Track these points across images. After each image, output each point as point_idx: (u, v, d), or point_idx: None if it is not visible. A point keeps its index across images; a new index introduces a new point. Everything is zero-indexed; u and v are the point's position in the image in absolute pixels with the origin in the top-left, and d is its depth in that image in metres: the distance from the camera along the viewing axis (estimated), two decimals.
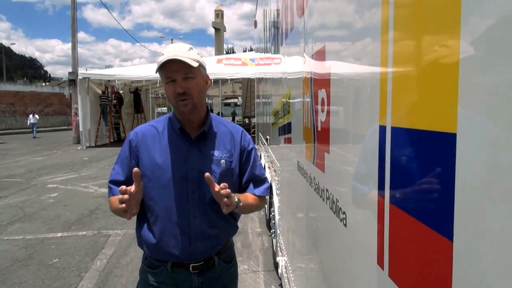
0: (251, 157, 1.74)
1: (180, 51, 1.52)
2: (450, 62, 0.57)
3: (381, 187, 0.86)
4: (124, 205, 1.40)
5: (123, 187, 1.40)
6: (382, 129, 0.85)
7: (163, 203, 1.58)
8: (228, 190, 1.46)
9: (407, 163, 0.75)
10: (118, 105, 18.30)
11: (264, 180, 1.78)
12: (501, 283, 0.49)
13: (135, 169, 1.45)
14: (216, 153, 1.63)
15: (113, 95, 18.04)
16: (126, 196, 1.39)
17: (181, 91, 1.52)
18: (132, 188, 1.43)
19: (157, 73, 1.55)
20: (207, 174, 1.45)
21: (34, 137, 21.85)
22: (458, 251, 0.57)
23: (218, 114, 21.86)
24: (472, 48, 0.53)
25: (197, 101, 1.57)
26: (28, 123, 23.40)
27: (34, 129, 22.72)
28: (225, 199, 1.45)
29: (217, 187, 1.45)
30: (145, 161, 1.60)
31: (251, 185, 1.73)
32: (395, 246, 0.81)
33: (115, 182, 1.62)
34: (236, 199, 1.54)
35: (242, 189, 1.72)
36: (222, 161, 1.63)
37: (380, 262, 0.87)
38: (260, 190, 1.73)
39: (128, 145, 1.65)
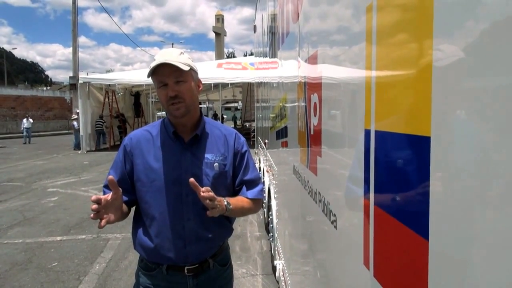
0: (244, 160, 1.75)
1: (171, 55, 1.56)
2: (423, 72, 0.60)
3: (366, 189, 0.89)
4: (92, 215, 1.43)
5: (94, 196, 1.42)
6: (367, 133, 0.87)
7: (157, 206, 1.60)
8: (211, 193, 1.46)
9: (389, 165, 0.78)
10: (123, 127, 18.46)
11: (257, 182, 1.78)
12: (477, 284, 0.51)
13: (110, 177, 1.47)
14: (209, 156, 1.65)
15: (116, 116, 18.28)
16: (94, 206, 1.41)
17: (173, 95, 1.55)
18: (109, 196, 1.46)
19: (149, 78, 1.59)
20: (191, 179, 1.46)
21: (25, 143, 20.43)
22: (433, 250, 0.59)
23: (222, 118, 21.88)
24: (443, 59, 0.56)
25: (189, 104, 1.60)
26: (22, 128, 21.45)
27: (28, 134, 21.01)
28: (208, 201, 1.45)
29: (202, 192, 1.45)
30: (139, 165, 1.62)
31: (244, 188, 1.73)
32: (379, 247, 0.83)
33: (108, 187, 1.64)
34: (226, 202, 1.54)
35: (235, 192, 1.74)
36: (216, 164, 1.65)
37: (366, 263, 0.90)
38: (253, 193, 1.73)
39: (123, 150, 1.67)
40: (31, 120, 21.85)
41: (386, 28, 0.79)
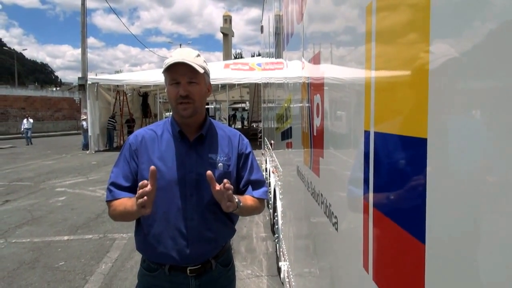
0: (248, 161, 1.75)
1: (188, 55, 1.57)
2: (420, 74, 0.59)
3: (365, 191, 0.88)
4: (145, 198, 1.39)
5: (144, 181, 1.41)
6: (367, 135, 0.86)
7: (161, 205, 1.59)
8: (231, 186, 1.47)
9: (387, 168, 0.77)
10: (132, 130, 18.75)
11: (262, 183, 1.78)
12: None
13: (152, 167, 1.45)
14: (214, 156, 1.66)
15: (127, 121, 18.77)
16: (148, 187, 1.39)
17: (184, 94, 1.55)
18: (148, 187, 1.42)
19: (163, 73, 1.59)
20: (209, 172, 1.46)
21: (27, 144, 19.76)
22: (430, 254, 0.58)
23: (234, 117, 21.48)
24: (439, 61, 0.55)
25: (198, 106, 1.61)
26: (22, 129, 20.72)
27: (29, 135, 20.22)
28: (229, 192, 1.46)
29: (218, 186, 1.46)
30: (144, 164, 1.62)
31: (249, 188, 1.74)
32: (378, 250, 0.82)
33: (116, 185, 1.64)
34: (237, 200, 1.55)
35: (240, 193, 1.73)
36: (220, 164, 1.65)
37: (366, 266, 0.88)
38: (258, 193, 1.74)
39: (128, 148, 1.67)
40: (31, 121, 21.16)
41: (384, 30, 0.78)
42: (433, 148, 0.56)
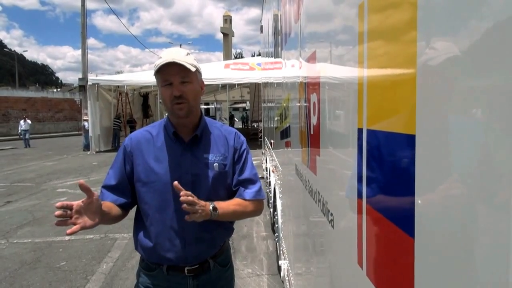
0: (242, 158, 1.72)
1: (178, 55, 1.55)
2: (408, 72, 0.60)
3: (359, 188, 0.89)
4: (56, 221, 1.40)
5: (60, 203, 1.40)
6: (360, 132, 0.87)
7: (157, 207, 1.60)
8: (189, 198, 1.42)
9: (379, 165, 0.78)
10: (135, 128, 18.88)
11: (254, 181, 1.72)
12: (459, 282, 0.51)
13: (80, 181, 1.42)
14: (209, 156, 1.65)
15: (128, 122, 19.00)
16: (58, 212, 1.39)
17: (178, 94, 1.54)
18: (81, 201, 1.43)
19: (154, 75, 1.59)
20: (175, 182, 1.44)
21: (26, 147, 19.25)
22: (419, 248, 0.59)
23: (232, 118, 21.56)
24: (426, 60, 0.56)
25: (192, 105, 1.60)
26: (19, 130, 19.97)
27: (27, 137, 19.52)
28: (185, 205, 1.41)
29: (183, 197, 1.42)
30: (139, 166, 1.63)
31: (241, 189, 1.69)
32: (371, 246, 0.83)
33: (107, 187, 1.66)
34: (211, 207, 1.51)
35: (233, 193, 1.70)
36: (215, 164, 1.64)
37: (360, 262, 0.90)
38: (250, 194, 1.68)
39: (123, 150, 1.68)
40: (29, 122, 20.29)
41: (375, 30, 0.79)
42: (420, 144, 0.58)
